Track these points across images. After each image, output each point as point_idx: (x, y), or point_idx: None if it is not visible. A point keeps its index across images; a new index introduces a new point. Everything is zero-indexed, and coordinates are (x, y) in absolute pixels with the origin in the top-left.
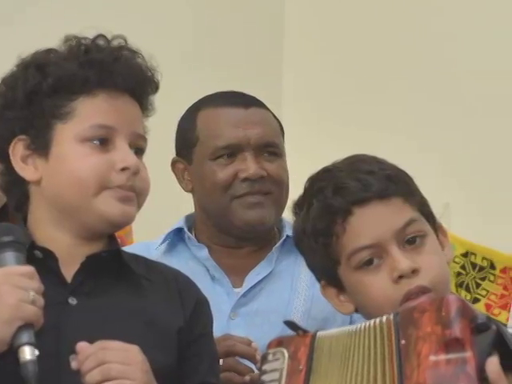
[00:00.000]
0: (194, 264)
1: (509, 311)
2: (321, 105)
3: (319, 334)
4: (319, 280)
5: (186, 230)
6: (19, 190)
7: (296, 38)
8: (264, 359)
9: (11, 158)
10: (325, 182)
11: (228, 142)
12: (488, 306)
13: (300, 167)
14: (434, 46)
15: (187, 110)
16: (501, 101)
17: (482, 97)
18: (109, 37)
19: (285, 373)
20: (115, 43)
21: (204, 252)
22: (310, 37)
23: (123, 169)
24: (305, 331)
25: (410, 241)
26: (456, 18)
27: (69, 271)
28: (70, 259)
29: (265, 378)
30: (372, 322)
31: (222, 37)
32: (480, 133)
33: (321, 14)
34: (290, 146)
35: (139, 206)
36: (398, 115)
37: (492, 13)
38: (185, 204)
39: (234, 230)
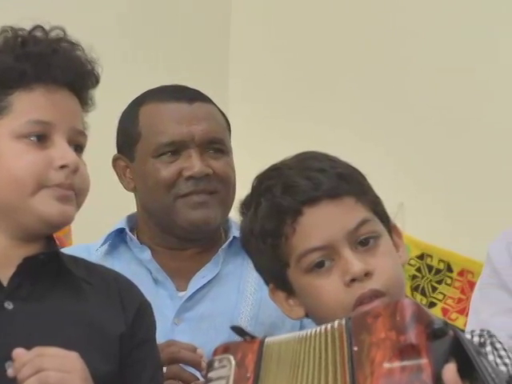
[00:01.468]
0: (136, 266)
1: (466, 316)
2: (269, 100)
3: (268, 339)
4: (267, 283)
5: (127, 230)
6: None
7: (243, 30)
8: (210, 366)
9: None
10: (273, 181)
11: (171, 139)
12: (445, 311)
13: (247, 165)
14: (388, 42)
15: (129, 105)
16: (455, 101)
17: (437, 96)
18: (47, 28)
19: (231, 381)
20: (53, 35)
21: (146, 254)
22: (258, 29)
23: (62, 166)
24: (252, 337)
25: (362, 242)
26: (409, 17)
27: (5, 274)
28: (6, 261)
29: None
30: (323, 327)
31: (167, 29)
32: (436, 131)
33: (269, 7)
34: (236, 143)
35: (79, 205)
36: (351, 112)
37: (444, 16)
38: (127, 203)
39: (177, 231)
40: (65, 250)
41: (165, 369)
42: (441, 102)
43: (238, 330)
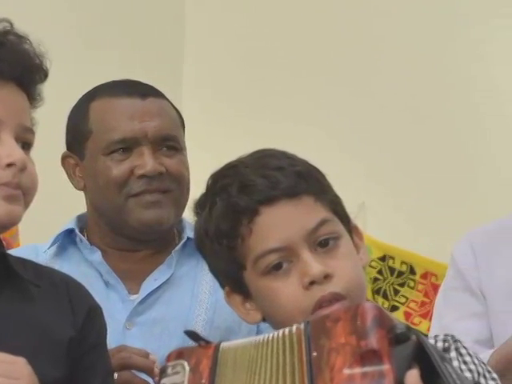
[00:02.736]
0: (87, 268)
1: (430, 320)
2: (225, 95)
3: (223, 345)
4: (223, 286)
5: (77, 231)
6: None
7: (198, 22)
8: (163, 372)
9: None
10: (229, 179)
11: (123, 136)
12: (407, 315)
13: (202, 163)
14: (353, 38)
15: (79, 100)
16: (418, 101)
17: (400, 96)
18: None
19: None
20: (0, 27)
21: (97, 255)
22: (214, 20)
23: (9, 164)
24: (207, 342)
25: (322, 243)
26: (383, 8)
27: None
28: None
29: None
30: (281, 331)
31: (120, 22)
32: (398, 130)
33: (224, 1)
34: (191, 140)
35: (26, 205)
36: (313, 110)
37: (419, 11)
38: (76, 203)
39: (129, 231)
40: (12, 252)
41: (116, 375)
42: (404, 103)
43: (192, 334)
